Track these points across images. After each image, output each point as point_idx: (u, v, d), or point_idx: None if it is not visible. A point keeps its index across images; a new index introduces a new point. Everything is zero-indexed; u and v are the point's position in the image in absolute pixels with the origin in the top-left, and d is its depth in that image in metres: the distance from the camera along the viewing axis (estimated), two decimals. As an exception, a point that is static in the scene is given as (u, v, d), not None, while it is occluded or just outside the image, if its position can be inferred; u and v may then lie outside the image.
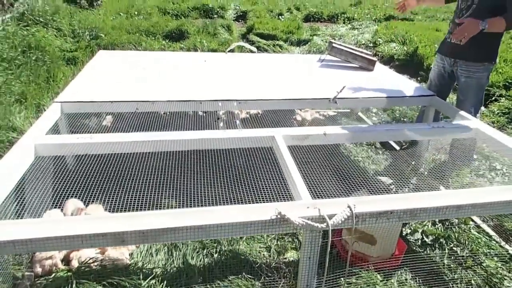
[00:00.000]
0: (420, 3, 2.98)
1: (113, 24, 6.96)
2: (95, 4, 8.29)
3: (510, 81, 4.65)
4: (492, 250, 2.18)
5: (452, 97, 3.82)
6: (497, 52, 2.60)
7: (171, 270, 2.02)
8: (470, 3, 2.53)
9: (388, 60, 6.31)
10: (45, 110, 3.52)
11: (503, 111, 4.13)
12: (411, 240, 2.28)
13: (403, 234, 2.31)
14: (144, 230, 1.35)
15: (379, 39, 7.20)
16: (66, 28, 5.90)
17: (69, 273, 1.92)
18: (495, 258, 2.13)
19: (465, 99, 2.69)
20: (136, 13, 8.41)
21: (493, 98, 4.43)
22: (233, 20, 9.42)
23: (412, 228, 2.34)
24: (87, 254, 2.04)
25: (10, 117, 3.23)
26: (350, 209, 1.46)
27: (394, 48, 6.62)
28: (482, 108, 4.31)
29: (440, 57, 2.88)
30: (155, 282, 1.90)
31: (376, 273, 1.96)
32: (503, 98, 4.39)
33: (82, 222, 1.37)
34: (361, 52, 3.50)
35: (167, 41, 6.53)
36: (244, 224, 1.41)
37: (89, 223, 1.36)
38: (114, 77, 2.86)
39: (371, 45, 7.14)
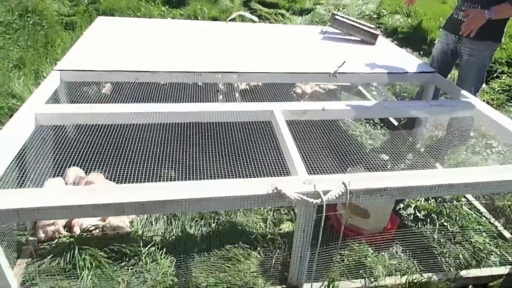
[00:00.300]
0: None
1: (112, -13, 6.77)
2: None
3: (513, 57, 4.61)
4: (481, 226, 2.25)
5: (454, 73, 3.80)
6: (503, 31, 2.57)
7: (170, 239, 2.09)
8: None
9: (392, 33, 6.20)
10: (44, 77, 3.52)
11: (504, 89, 4.11)
12: (403, 214, 2.34)
13: (396, 209, 2.37)
14: (143, 201, 1.39)
15: (383, 10, 7.04)
16: (64, -9, 5.74)
17: (71, 239, 1.99)
18: (484, 234, 2.20)
19: (466, 78, 2.68)
20: (135, -24, 8.16)
21: (495, 75, 4.40)
22: (235, -14, 9.16)
23: (405, 203, 2.40)
24: (89, 221, 2.10)
25: (9, 83, 3.22)
26: (345, 186, 1.50)
27: (398, 20, 6.49)
28: (483, 85, 4.30)
29: (445, 34, 2.84)
30: (155, 249, 1.97)
31: (367, 246, 2.03)
32: (505, 75, 4.36)
33: (84, 192, 1.41)
34: (364, 25, 3.45)
35: (166, 7, 6.38)
36: (241, 198, 1.45)
37: (91, 194, 1.39)
38: (113, 45, 2.83)
39: (375, 16, 6.99)
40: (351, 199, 1.53)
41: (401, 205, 2.40)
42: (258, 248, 2.00)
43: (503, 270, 1.96)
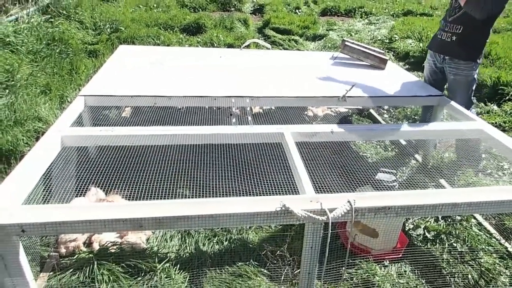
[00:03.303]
0: None
1: (133, 17, 7.13)
2: (115, -4, 8.47)
3: (525, 80, 4.63)
4: (491, 247, 2.26)
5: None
6: (481, 52, 2.75)
7: (184, 255, 2.17)
8: None
9: (404, 57, 6.31)
10: (68, 102, 3.72)
11: (516, 111, 4.13)
12: (413, 235, 2.37)
13: (406, 229, 2.41)
14: (160, 217, 1.48)
15: (395, 35, 7.18)
16: (88, 20, 6.09)
17: (90, 255, 2.10)
18: (494, 255, 2.21)
19: (454, 97, 2.83)
20: (155, 5, 8.57)
21: (507, 98, 4.42)
22: (250, 14, 9.49)
23: (415, 224, 2.44)
24: (108, 238, 2.21)
25: (35, 108, 3.42)
26: (350, 204, 1.57)
27: (410, 44, 6.61)
28: (495, 107, 4.33)
29: (430, 54, 3.04)
30: (169, 266, 2.05)
31: (375, 264, 2.07)
32: (517, 97, 4.38)
33: (105, 208, 1.52)
34: (373, 50, 3.56)
35: (184, 34, 6.67)
36: (251, 215, 1.53)
37: (111, 210, 1.50)
38: (134, 72, 3.01)
39: (387, 41, 7.13)
40: (356, 217, 1.60)
41: (411, 226, 2.43)
42: (268, 265, 2.07)
43: (513, 291, 1.97)
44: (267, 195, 1.72)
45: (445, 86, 3.14)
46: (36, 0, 6.04)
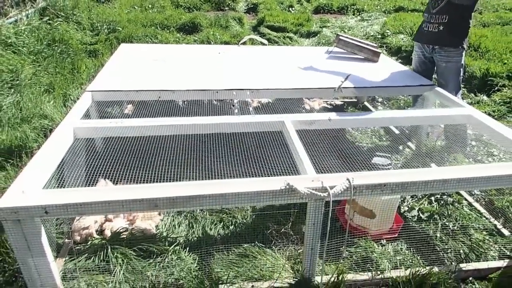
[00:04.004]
0: None
1: (129, 18, 7.22)
2: (111, -2, 8.55)
3: (513, 71, 4.79)
4: (481, 225, 2.40)
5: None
6: (467, 37, 2.93)
7: (192, 239, 2.29)
8: None
9: (396, 51, 6.46)
10: (71, 100, 3.83)
11: (505, 101, 4.29)
12: (408, 216, 2.51)
13: (401, 212, 2.54)
14: (174, 196, 1.60)
15: (387, 31, 7.33)
16: (86, 21, 6.18)
17: (103, 241, 2.21)
18: (484, 232, 2.35)
19: (445, 84, 2.98)
20: (150, 6, 8.65)
21: (496, 88, 4.58)
22: (244, 13, 9.60)
23: (409, 206, 2.57)
24: (119, 224, 2.32)
25: (41, 106, 3.52)
26: (349, 182, 1.70)
27: (402, 39, 6.76)
28: (484, 97, 4.49)
29: (418, 46, 3.21)
30: (179, 248, 2.17)
31: (374, 242, 2.20)
32: (506, 88, 4.54)
33: (122, 190, 1.64)
34: (367, 44, 3.70)
35: (181, 33, 6.77)
36: (258, 193, 1.66)
37: (128, 191, 1.62)
38: (137, 68, 3.12)
39: (380, 36, 7.28)
40: (354, 194, 1.73)
41: (406, 208, 2.57)
42: (273, 247, 2.19)
43: (501, 263, 2.10)
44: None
45: (433, 75, 3.28)
46: (33, 2, 6.11)
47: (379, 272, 2.02)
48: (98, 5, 7.72)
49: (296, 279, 1.95)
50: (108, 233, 2.31)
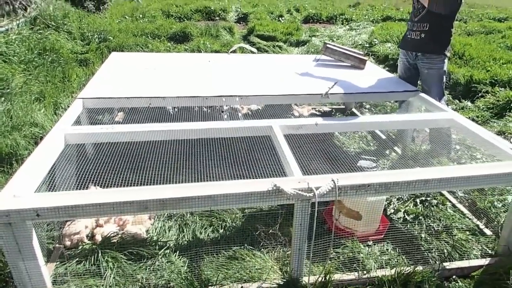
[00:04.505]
0: None
1: (120, 27, 7.29)
2: (101, 8, 8.61)
3: (496, 78, 4.93)
4: (464, 226, 2.46)
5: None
6: (449, 45, 3.05)
7: (182, 243, 2.32)
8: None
9: (383, 60, 6.60)
10: (62, 108, 3.85)
11: (488, 106, 4.41)
12: (394, 218, 2.57)
13: (388, 214, 2.60)
14: (163, 198, 1.64)
15: (375, 40, 7.49)
16: (76, 31, 6.21)
17: (94, 246, 2.23)
18: (467, 232, 2.42)
19: (429, 89, 3.09)
20: (141, 16, 8.74)
21: (480, 95, 4.71)
22: (235, 22, 9.74)
23: (395, 208, 2.64)
24: (109, 229, 2.34)
25: (31, 114, 3.53)
26: (334, 182, 1.76)
27: (389, 48, 6.91)
28: (468, 103, 4.61)
29: (403, 53, 3.32)
30: (169, 252, 2.20)
31: (360, 243, 2.25)
32: (489, 94, 4.67)
33: (113, 193, 1.67)
34: (353, 52, 3.79)
35: (172, 43, 6.85)
36: (246, 195, 1.70)
37: (119, 194, 1.65)
38: (128, 76, 3.16)
39: (367, 45, 7.43)
40: (339, 194, 1.78)
41: (392, 210, 2.63)
42: (262, 249, 2.23)
43: (484, 261, 2.17)
44: (259, 180, 1.88)
45: (418, 82, 3.38)
46: (24, 12, 6.14)
47: (365, 272, 2.07)
48: (89, 15, 7.77)
49: (284, 280, 1.99)
50: (99, 238, 2.33)
